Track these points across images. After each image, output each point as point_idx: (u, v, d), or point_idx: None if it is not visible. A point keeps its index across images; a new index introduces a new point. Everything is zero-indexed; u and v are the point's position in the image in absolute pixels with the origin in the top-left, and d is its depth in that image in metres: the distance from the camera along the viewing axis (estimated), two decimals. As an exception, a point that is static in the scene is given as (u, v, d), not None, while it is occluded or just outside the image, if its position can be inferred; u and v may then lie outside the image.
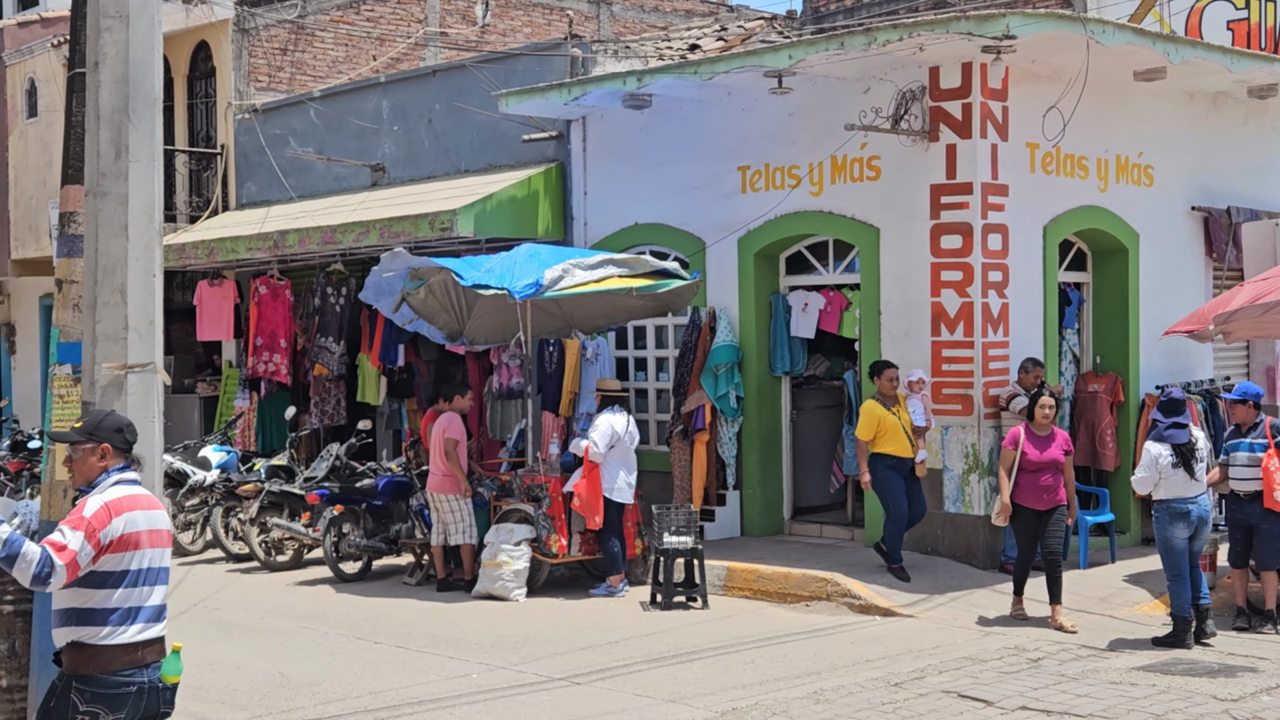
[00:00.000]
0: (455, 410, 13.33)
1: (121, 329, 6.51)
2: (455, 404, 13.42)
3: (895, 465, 12.20)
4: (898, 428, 12.12)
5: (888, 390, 12.23)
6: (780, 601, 12.19)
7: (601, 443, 12.50)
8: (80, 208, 7.07)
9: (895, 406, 12.23)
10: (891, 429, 12.12)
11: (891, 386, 12.23)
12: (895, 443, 12.14)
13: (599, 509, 12.51)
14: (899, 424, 12.13)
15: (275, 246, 17.09)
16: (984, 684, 9.20)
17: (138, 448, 5.66)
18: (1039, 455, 10.98)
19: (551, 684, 9.49)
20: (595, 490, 12.50)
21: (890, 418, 12.14)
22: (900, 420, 12.15)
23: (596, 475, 12.53)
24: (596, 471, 12.53)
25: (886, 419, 12.13)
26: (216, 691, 9.39)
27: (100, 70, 6.55)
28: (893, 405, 12.22)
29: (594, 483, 12.50)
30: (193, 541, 15.55)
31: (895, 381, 12.26)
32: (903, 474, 12.22)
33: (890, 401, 12.23)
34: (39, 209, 22.72)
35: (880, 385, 12.26)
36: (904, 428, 12.14)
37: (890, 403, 12.22)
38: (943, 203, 12.83)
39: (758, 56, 12.97)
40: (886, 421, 12.12)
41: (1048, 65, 12.89)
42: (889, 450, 12.15)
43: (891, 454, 12.16)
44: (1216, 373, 15.09)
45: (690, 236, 14.86)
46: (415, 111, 17.69)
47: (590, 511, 12.49)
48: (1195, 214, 15.04)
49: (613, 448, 12.59)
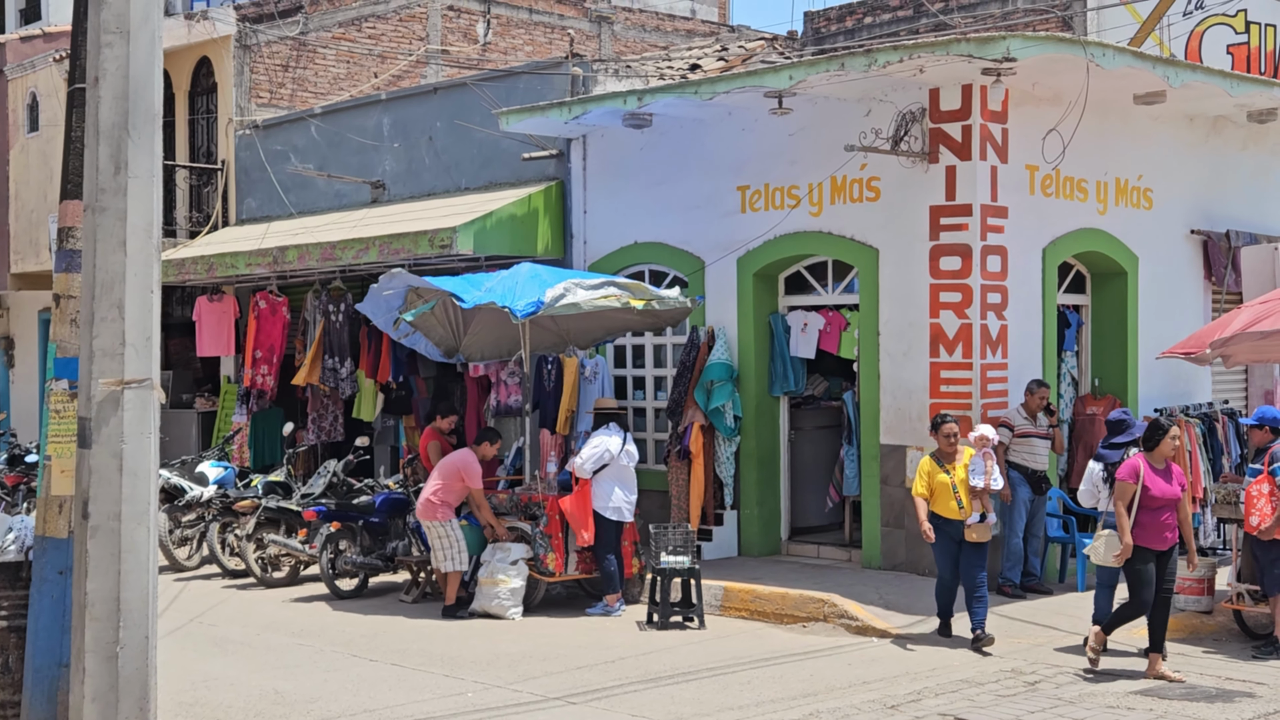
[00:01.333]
0: (480, 455, 13.12)
1: (119, 344, 6.49)
2: (481, 449, 13.21)
3: (942, 526, 11.06)
4: (947, 487, 11.04)
5: (944, 448, 11.14)
6: (777, 622, 12.16)
7: (589, 461, 12.47)
8: (79, 223, 7.07)
9: (951, 464, 11.13)
10: (940, 488, 11.08)
11: (948, 444, 11.12)
12: (942, 503, 11.05)
13: (588, 524, 12.49)
14: (949, 483, 11.03)
15: (275, 262, 17.09)
16: (980, 707, 9.17)
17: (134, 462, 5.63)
18: (1163, 491, 10.11)
19: (547, 703, 9.46)
20: (585, 506, 12.48)
21: (941, 476, 11.08)
22: (952, 479, 11.04)
23: (587, 491, 12.51)
24: (587, 488, 12.51)
25: (936, 477, 11.11)
26: (211, 708, 9.36)
27: (100, 86, 6.55)
28: (949, 462, 11.14)
29: (584, 499, 12.48)
30: (189, 557, 15.52)
31: (953, 439, 11.12)
32: (953, 537, 11.04)
33: (948, 458, 11.15)
34: (39, 223, 22.74)
35: (937, 441, 11.22)
36: (955, 488, 11.00)
37: (947, 459, 11.14)
38: (942, 224, 12.84)
39: (758, 77, 12.99)
40: (936, 479, 11.10)
41: (1048, 88, 12.92)
42: (937, 510, 11.11)
43: (939, 514, 11.11)
44: (1215, 396, 15.08)
45: (689, 256, 14.86)
46: (416, 129, 17.71)
47: (578, 525, 12.47)
48: (1194, 237, 15.06)
49: (606, 466, 12.57)
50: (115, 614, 6.47)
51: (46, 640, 7.17)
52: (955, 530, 11.02)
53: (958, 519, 11.00)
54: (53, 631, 7.15)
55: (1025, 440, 12.72)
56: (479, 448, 13.20)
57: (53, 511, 7.22)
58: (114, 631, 6.45)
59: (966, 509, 10.98)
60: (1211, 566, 12.07)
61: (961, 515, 10.99)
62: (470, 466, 12.82)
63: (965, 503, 10.98)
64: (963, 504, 10.98)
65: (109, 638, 6.44)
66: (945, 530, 11.06)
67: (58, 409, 7.32)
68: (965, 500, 10.98)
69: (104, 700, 6.42)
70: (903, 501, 13.14)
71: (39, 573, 7.25)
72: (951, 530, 11.04)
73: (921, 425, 12.98)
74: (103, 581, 6.46)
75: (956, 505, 10.99)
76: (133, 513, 6.51)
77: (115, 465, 6.47)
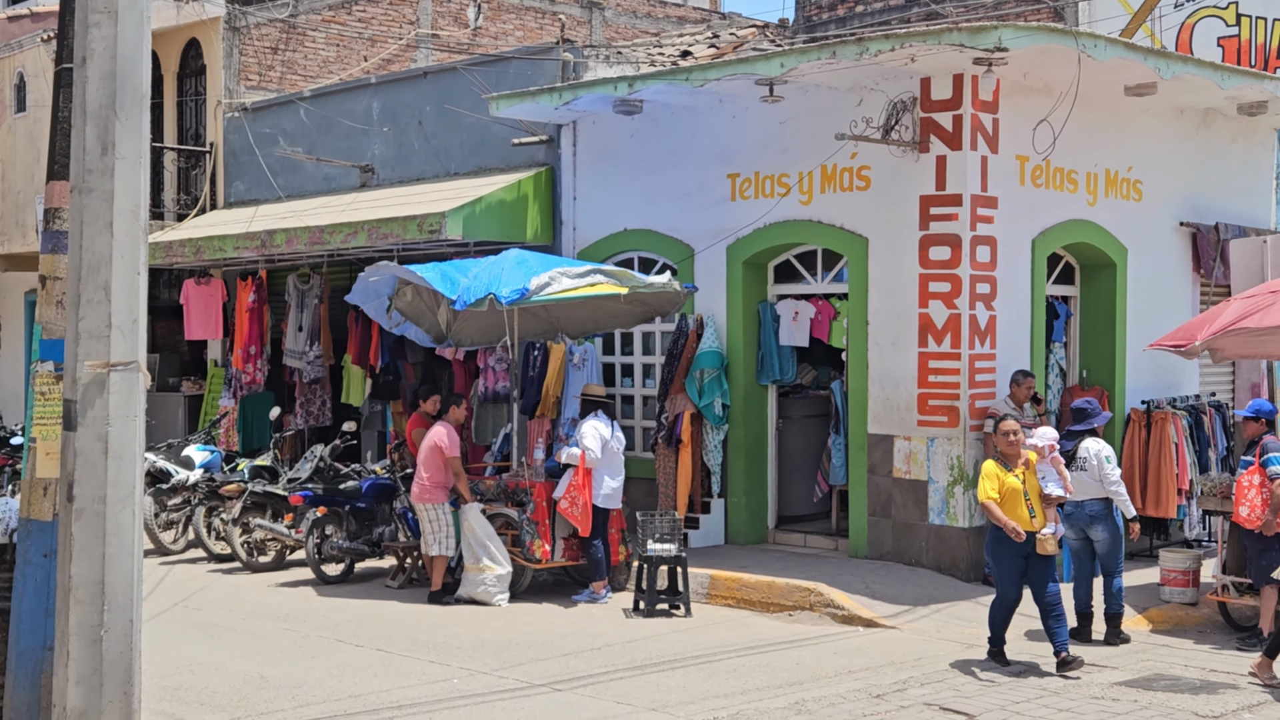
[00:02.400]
0: (451, 422, 13.19)
1: (105, 327, 6.46)
2: (450, 415, 13.27)
3: (1008, 539, 9.99)
4: (1018, 495, 10.01)
5: (1006, 450, 10.15)
6: (763, 610, 12.16)
7: (597, 448, 12.48)
8: (66, 204, 7.02)
9: (1019, 468, 10.14)
10: (1011, 496, 10.01)
11: (1010, 446, 10.12)
12: (1013, 512, 9.96)
13: (589, 517, 12.47)
14: (1019, 489, 10.02)
15: (263, 246, 17.03)
16: (966, 697, 9.19)
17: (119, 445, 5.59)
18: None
19: (533, 690, 9.45)
20: (588, 499, 12.45)
21: (1012, 482, 10.03)
22: (1025, 486, 10.06)
23: (589, 483, 12.49)
24: (589, 479, 12.49)
25: (1009, 484, 10.03)
26: (195, 692, 9.34)
27: (88, 66, 6.50)
28: (1017, 465, 10.14)
29: (587, 491, 12.45)
30: (174, 541, 15.48)
31: (1014, 441, 10.13)
32: (1020, 550, 10.00)
33: (1013, 461, 10.15)
34: (26, 204, 22.64)
35: (999, 443, 10.23)
36: (1026, 495, 10.04)
37: (1013, 463, 10.15)
38: (932, 214, 12.83)
39: (749, 64, 12.96)
40: (1006, 485, 10.03)
41: (1039, 78, 12.90)
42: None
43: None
44: (1203, 388, 15.10)
45: (679, 243, 14.84)
46: (405, 113, 17.66)
47: (582, 520, 12.44)
48: (1184, 229, 15.07)
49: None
50: (100, 597, 6.44)
51: (30, 623, 7.13)
52: (1025, 542, 9.93)
53: (1029, 529, 9.94)
54: (37, 614, 7.12)
55: None
56: (448, 415, 13.21)
57: (37, 494, 7.18)
58: (98, 615, 6.42)
59: (1039, 518, 10.01)
60: (1197, 559, 12.11)
61: (1033, 525, 9.95)
62: (446, 436, 12.83)
63: (1038, 512, 10.03)
64: (1034, 513, 10.01)
65: (93, 621, 6.41)
66: (1012, 542, 9.94)
67: (43, 391, 7.28)
68: (1039, 510, 10.04)
69: (88, 684, 6.39)
70: (889, 491, 13.15)
71: (23, 555, 7.21)
72: (1020, 542, 9.93)
73: (910, 415, 12.99)
74: (87, 565, 6.44)
75: (1028, 514, 9.96)
76: (118, 496, 6.48)
77: (100, 448, 6.44)
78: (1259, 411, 11.26)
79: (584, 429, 12.65)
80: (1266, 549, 10.67)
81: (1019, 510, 9.96)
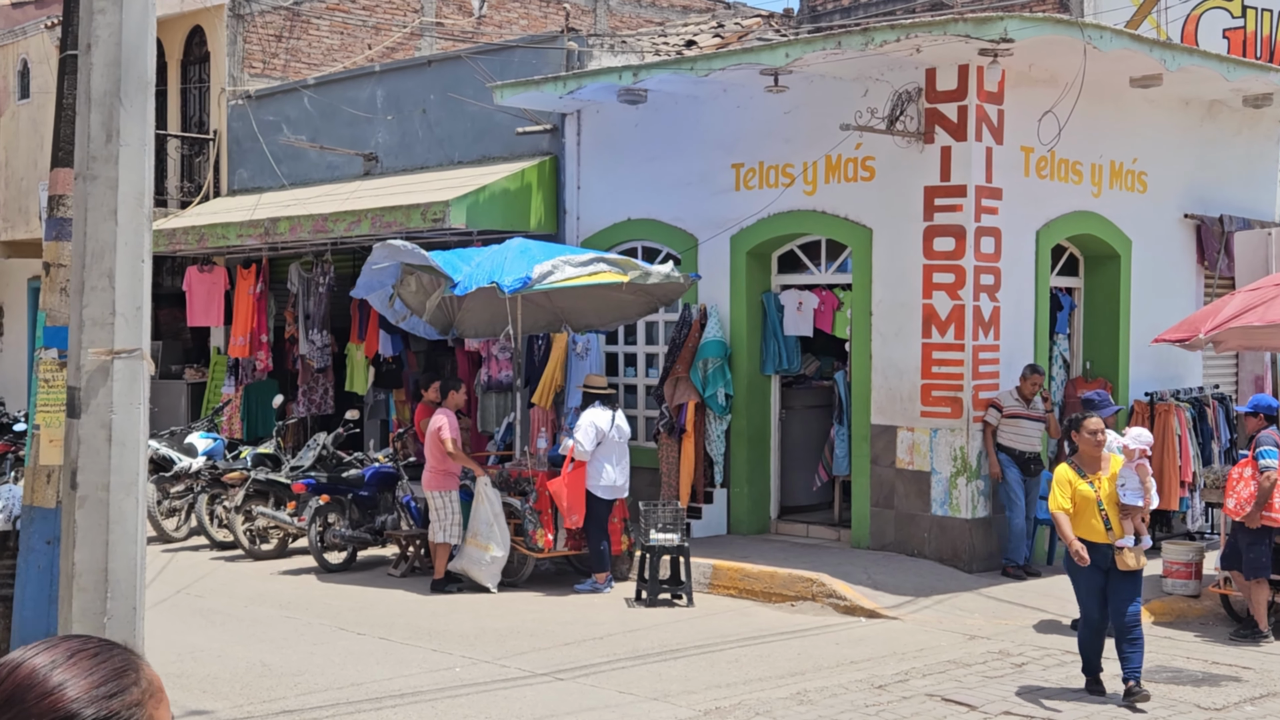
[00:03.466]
0: (450, 407, 13.19)
1: (109, 314, 6.46)
2: (449, 400, 13.27)
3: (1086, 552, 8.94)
4: (1091, 504, 8.96)
5: (1088, 450, 9.07)
6: (765, 600, 12.17)
7: (587, 441, 12.45)
8: (69, 191, 7.02)
9: (1096, 474, 9.05)
10: (1084, 504, 8.99)
11: (1092, 446, 9.06)
12: (1085, 523, 8.99)
13: (580, 509, 12.47)
14: (1093, 498, 8.96)
15: (266, 234, 17.03)
16: (968, 688, 9.19)
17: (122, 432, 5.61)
18: None
19: (534, 679, 9.46)
20: (578, 490, 12.45)
21: (1085, 489, 8.99)
22: (1099, 493, 8.98)
23: (581, 475, 12.47)
24: (581, 471, 12.48)
25: (1081, 491, 9.01)
26: (197, 680, 9.35)
27: (92, 52, 6.49)
28: (1094, 470, 9.05)
29: (577, 483, 12.44)
30: (177, 528, 15.50)
31: (1098, 441, 9.07)
32: (1098, 564, 8.97)
33: (1091, 465, 9.07)
34: (29, 191, 22.64)
35: (1080, 444, 9.14)
36: (1101, 504, 8.97)
37: (1091, 466, 9.07)
38: (936, 205, 12.81)
39: (754, 54, 12.94)
40: (1081, 494, 9.01)
41: (1044, 69, 12.88)
42: (1078, 533, 8.98)
43: (1081, 538, 8.97)
44: (1206, 380, 15.09)
45: (683, 233, 14.83)
46: (409, 101, 17.63)
47: (570, 512, 12.43)
48: (1188, 221, 15.05)
49: (599, 444, 12.56)
50: (103, 585, 6.44)
51: (33, 610, 7.15)
52: (1101, 556, 8.97)
53: (1103, 542, 8.95)
54: (40, 601, 7.13)
55: (1014, 421, 12.72)
56: (447, 401, 13.22)
57: (40, 481, 7.19)
58: (101, 602, 6.42)
59: (1116, 530, 8.95)
60: (1199, 551, 12.10)
61: (1109, 538, 8.94)
62: (445, 419, 12.86)
63: (1115, 523, 8.96)
64: (1111, 524, 8.97)
65: (96, 608, 6.42)
66: (1089, 555, 8.94)
67: (47, 378, 7.29)
68: (1114, 520, 8.97)
69: (91, 671, 6.39)
70: (892, 482, 13.15)
71: (26, 542, 7.22)
72: (1097, 556, 8.96)
73: (913, 406, 12.98)
74: (90, 552, 6.44)
75: (1103, 525, 8.96)
76: (121, 483, 6.48)
77: (104, 435, 6.44)
78: (1258, 407, 11.25)
79: (580, 420, 12.65)
80: (1256, 542, 10.68)
81: (1092, 521, 8.93)
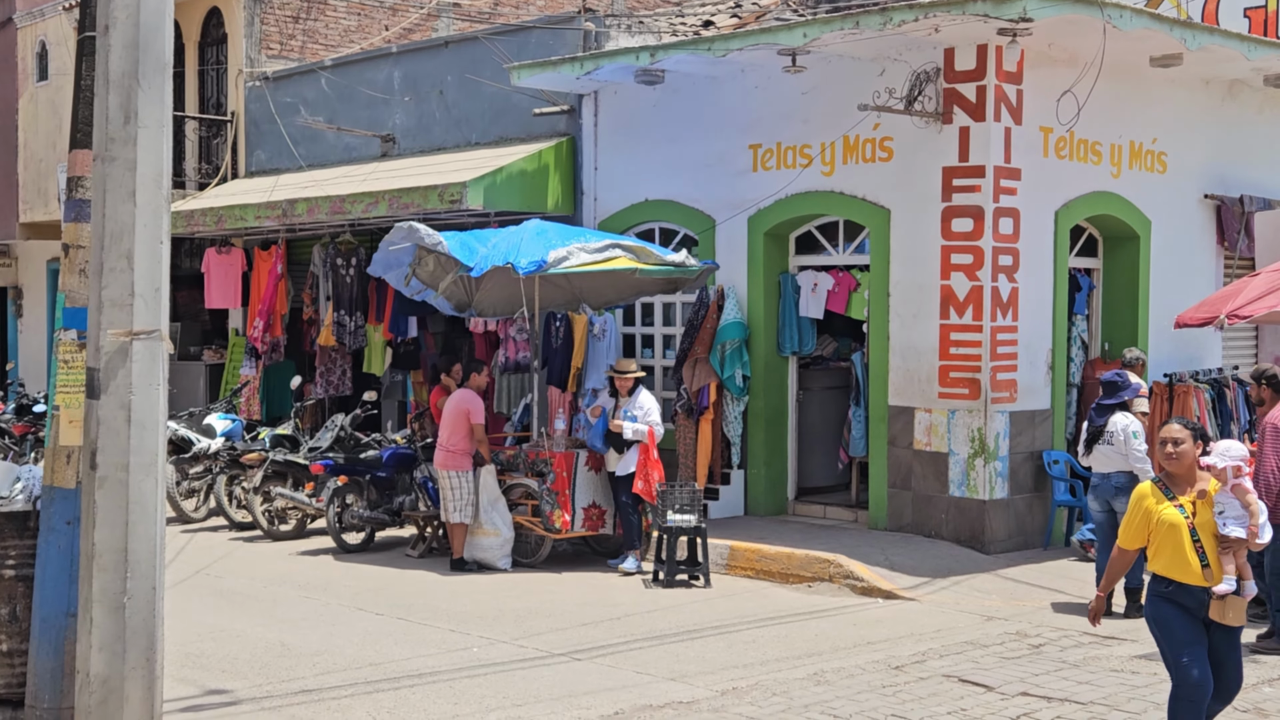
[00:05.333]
0: (473, 388, 13.21)
1: (128, 295, 6.48)
2: (472, 382, 13.29)
3: (1174, 596, 6.82)
4: (1179, 533, 6.78)
5: (1171, 468, 6.89)
6: (782, 581, 12.17)
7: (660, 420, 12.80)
8: (88, 172, 7.03)
9: (1189, 495, 6.85)
10: (1169, 535, 6.81)
11: (1173, 461, 6.86)
12: (1173, 558, 6.81)
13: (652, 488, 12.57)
14: (1183, 527, 6.78)
15: (284, 215, 17.05)
16: (985, 669, 9.19)
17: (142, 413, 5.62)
18: None
19: (552, 659, 9.48)
20: (662, 474, 12.67)
21: (1173, 516, 6.81)
22: (1192, 519, 6.79)
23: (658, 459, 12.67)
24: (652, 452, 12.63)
25: (1164, 518, 6.83)
26: (217, 660, 9.40)
27: (110, 34, 6.50)
28: (1184, 491, 6.87)
29: (659, 468, 12.65)
30: (196, 509, 15.57)
31: (1177, 455, 6.85)
32: (1194, 612, 6.79)
33: (1181, 485, 6.89)
34: (48, 172, 22.70)
35: (1159, 457, 7.00)
36: (1195, 532, 6.76)
37: (1180, 487, 6.89)
38: (954, 185, 12.77)
39: (772, 34, 12.89)
40: (1164, 521, 6.83)
41: (1064, 49, 12.81)
42: (1162, 570, 6.87)
43: (1167, 576, 6.84)
44: (1225, 361, 15.03)
45: (700, 214, 14.80)
46: (427, 82, 17.62)
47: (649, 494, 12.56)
48: (1208, 202, 14.97)
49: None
50: (122, 565, 6.48)
51: (54, 590, 7.18)
52: (1195, 600, 6.78)
53: (1198, 584, 6.77)
54: (60, 581, 7.16)
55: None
56: (470, 382, 13.23)
57: (60, 461, 7.22)
58: (121, 582, 6.46)
59: (1214, 572, 6.77)
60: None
61: (1206, 580, 6.76)
62: (472, 402, 12.90)
63: (1212, 561, 6.78)
64: (1208, 561, 6.79)
65: (116, 588, 6.45)
66: (1179, 601, 6.82)
67: (66, 359, 7.31)
68: (1212, 557, 6.79)
69: (111, 650, 6.44)
70: (909, 463, 13.13)
71: (46, 522, 7.25)
72: (1189, 600, 6.79)
73: (930, 387, 12.96)
74: (110, 532, 6.47)
75: (1196, 562, 6.76)
76: (140, 464, 6.51)
77: (123, 416, 6.47)
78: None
79: (646, 403, 12.68)
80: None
81: (1181, 555, 6.78)
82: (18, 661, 7.44)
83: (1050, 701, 8.41)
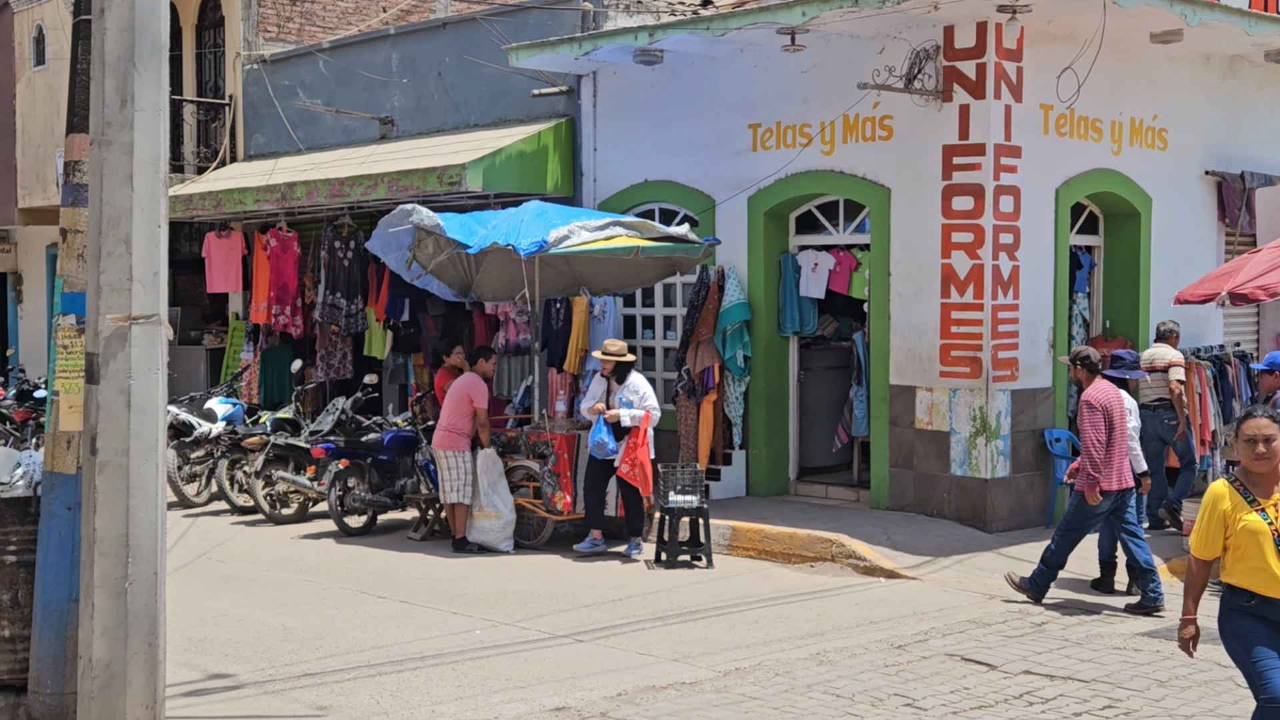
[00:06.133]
0: (480, 374, 13.21)
1: (126, 280, 6.46)
2: (479, 367, 13.29)
3: (1257, 610, 6.16)
4: (1258, 540, 6.09)
5: (1253, 465, 6.14)
6: (785, 562, 12.18)
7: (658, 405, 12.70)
8: (85, 157, 7.01)
9: (1272, 499, 6.12)
10: (1248, 542, 6.11)
11: (1259, 461, 6.10)
12: (1248, 568, 6.13)
13: (649, 477, 12.43)
14: (1267, 534, 6.07)
15: (283, 199, 17.02)
16: (988, 648, 9.19)
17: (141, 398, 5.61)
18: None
19: (555, 640, 9.49)
20: (645, 459, 12.43)
21: (1251, 520, 6.11)
22: (1276, 524, 6.07)
23: (647, 443, 12.49)
24: (647, 439, 12.49)
25: (1240, 520, 6.14)
26: (219, 644, 9.40)
27: (106, 17, 6.47)
28: (1268, 494, 6.13)
29: (644, 451, 12.45)
30: (198, 493, 15.56)
31: (1267, 454, 6.09)
32: (1271, 624, 6.15)
33: (1264, 487, 6.15)
34: (46, 157, 22.66)
35: (1240, 454, 6.22)
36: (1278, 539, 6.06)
37: (1263, 489, 6.15)
38: (955, 164, 12.73)
39: (771, 13, 12.84)
40: (1240, 523, 6.13)
41: (1063, 26, 12.77)
42: (1241, 582, 6.17)
43: (1247, 589, 6.16)
44: (1226, 338, 15.02)
45: (700, 194, 14.77)
46: (425, 64, 17.57)
47: (643, 482, 12.38)
48: (1209, 179, 14.94)
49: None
50: (124, 550, 6.48)
51: (55, 575, 7.18)
52: (1274, 613, 6.13)
53: (1274, 596, 6.09)
54: (61, 567, 7.16)
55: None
56: (477, 368, 13.27)
57: (61, 447, 7.21)
58: (122, 567, 6.46)
59: None
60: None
61: None
62: (476, 386, 12.92)
63: None
64: None
65: (118, 573, 6.45)
66: (1264, 615, 6.16)
67: (65, 344, 7.29)
68: None
69: (113, 635, 6.44)
70: (911, 442, 13.13)
71: (47, 508, 7.25)
72: (1275, 615, 6.13)
73: (932, 366, 12.95)
74: (111, 517, 6.47)
75: (1276, 571, 6.06)
76: (141, 449, 6.50)
77: (123, 401, 6.46)
78: (1274, 364, 11.20)
79: (642, 388, 12.60)
80: None
81: (1264, 563, 6.08)
82: (20, 647, 7.44)
83: (1053, 680, 8.42)
